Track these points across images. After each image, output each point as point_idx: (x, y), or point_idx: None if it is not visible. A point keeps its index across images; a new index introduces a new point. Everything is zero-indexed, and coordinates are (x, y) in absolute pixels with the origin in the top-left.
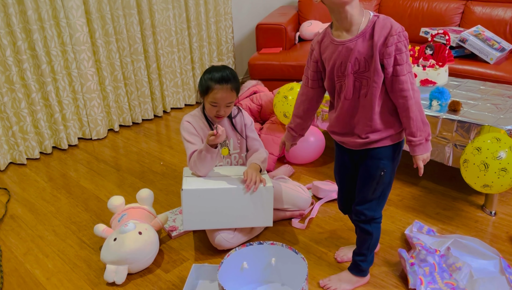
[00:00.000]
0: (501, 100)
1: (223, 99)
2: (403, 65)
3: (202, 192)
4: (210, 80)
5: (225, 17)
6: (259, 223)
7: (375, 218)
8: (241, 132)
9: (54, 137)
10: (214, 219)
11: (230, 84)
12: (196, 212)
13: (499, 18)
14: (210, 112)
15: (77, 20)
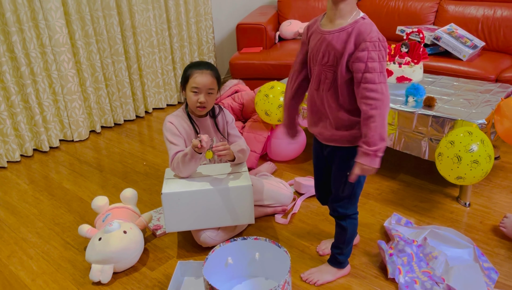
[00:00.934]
0: (473, 95)
1: (204, 84)
2: (374, 74)
3: (181, 195)
4: (190, 68)
5: (205, 17)
6: (240, 221)
7: (349, 215)
8: (223, 131)
9: (35, 140)
10: (196, 220)
11: (210, 71)
12: (177, 214)
13: (471, 16)
14: (192, 103)
15: (56, 21)
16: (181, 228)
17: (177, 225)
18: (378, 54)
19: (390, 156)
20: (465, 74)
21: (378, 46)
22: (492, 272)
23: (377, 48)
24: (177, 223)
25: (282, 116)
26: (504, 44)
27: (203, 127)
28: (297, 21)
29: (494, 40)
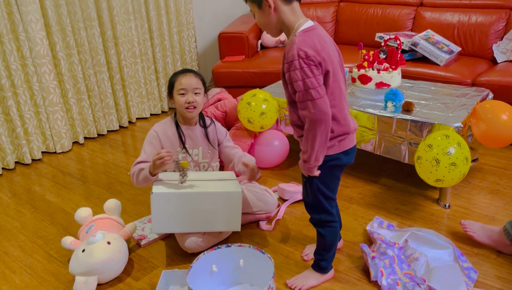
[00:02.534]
0: (450, 99)
1: (190, 83)
2: (299, 93)
3: (171, 196)
4: (174, 75)
5: (187, 26)
6: (227, 227)
7: (324, 221)
8: (213, 143)
9: (16, 152)
10: (182, 223)
11: (193, 73)
12: (165, 215)
13: (447, 22)
14: (180, 105)
15: (37, 33)
16: (167, 230)
17: (163, 227)
18: (298, 72)
19: (372, 160)
20: (442, 79)
21: (298, 65)
22: (471, 272)
23: (297, 66)
24: (163, 224)
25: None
26: (479, 49)
27: (190, 136)
28: None
29: (469, 45)
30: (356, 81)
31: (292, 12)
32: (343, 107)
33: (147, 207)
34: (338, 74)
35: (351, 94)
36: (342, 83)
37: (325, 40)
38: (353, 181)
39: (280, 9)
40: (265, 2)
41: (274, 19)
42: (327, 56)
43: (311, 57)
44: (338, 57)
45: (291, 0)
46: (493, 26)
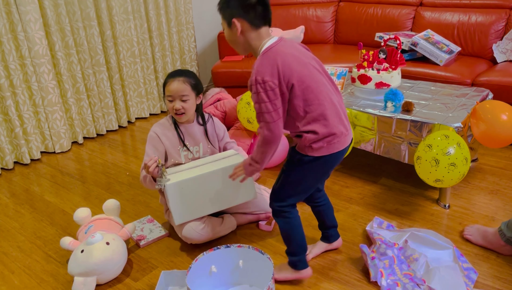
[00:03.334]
0: (450, 99)
1: (176, 90)
2: (257, 115)
3: (184, 183)
4: (167, 77)
5: (187, 26)
6: (244, 198)
7: (277, 210)
8: (212, 139)
9: (15, 152)
10: (201, 206)
11: (182, 77)
12: (183, 204)
13: (447, 22)
14: (170, 110)
15: (36, 33)
16: (189, 218)
17: (184, 216)
18: (255, 96)
19: (371, 160)
20: (442, 79)
21: (255, 89)
22: (471, 272)
23: (254, 91)
24: (184, 213)
25: None
26: (479, 49)
27: (189, 134)
28: (278, 29)
29: (469, 45)
30: (356, 81)
31: (259, 37)
32: (325, 108)
33: (146, 207)
34: (312, 79)
35: (351, 94)
36: (322, 85)
37: (285, 55)
38: (352, 181)
39: (247, 33)
40: (233, 25)
41: (241, 40)
42: (288, 71)
43: (267, 83)
44: (311, 61)
45: (258, 26)
46: (493, 26)
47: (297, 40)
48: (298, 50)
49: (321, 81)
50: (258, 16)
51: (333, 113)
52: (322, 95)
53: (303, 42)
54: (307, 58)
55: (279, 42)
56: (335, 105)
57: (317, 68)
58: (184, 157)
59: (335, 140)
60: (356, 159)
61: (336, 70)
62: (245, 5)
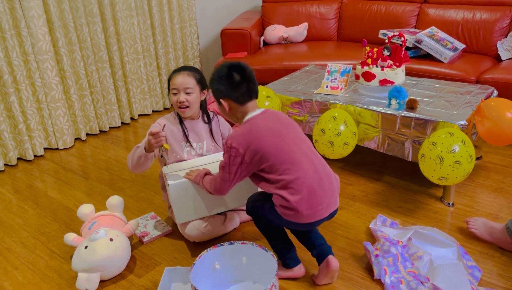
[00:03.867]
0: (455, 97)
1: (181, 83)
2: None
3: (187, 183)
4: (171, 73)
5: (190, 23)
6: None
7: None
8: (216, 137)
9: (19, 149)
10: (204, 207)
11: (187, 71)
12: (185, 204)
13: (451, 19)
14: (174, 105)
15: (39, 29)
16: (191, 217)
17: (187, 215)
18: (223, 155)
19: (375, 158)
20: (446, 76)
21: (225, 150)
22: (475, 270)
23: (224, 150)
24: (186, 213)
25: None
26: (483, 46)
27: (194, 130)
28: (281, 26)
29: (474, 42)
30: (360, 78)
31: (245, 111)
32: (297, 176)
33: (150, 204)
34: (288, 150)
35: (355, 91)
36: (301, 155)
37: (259, 127)
38: (356, 178)
39: (233, 110)
40: (221, 103)
41: (229, 114)
42: (257, 143)
43: (233, 148)
44: (290, 134)
45: (244, 103)
46: (498, 23)
47: (300, 37)
48: (278, 121)
49: (298, 150)
50: (243, 94)
51: (311, 180)
52: (296, 164)
53: (306, 39)
54: (287, 130)
55: (260, 115)
56: (316, 173)
57: (295, 139)
58: (186, 152)
59: (303, 214)
60: (360, 156)
61: (340, 67)
62: (230, 86)
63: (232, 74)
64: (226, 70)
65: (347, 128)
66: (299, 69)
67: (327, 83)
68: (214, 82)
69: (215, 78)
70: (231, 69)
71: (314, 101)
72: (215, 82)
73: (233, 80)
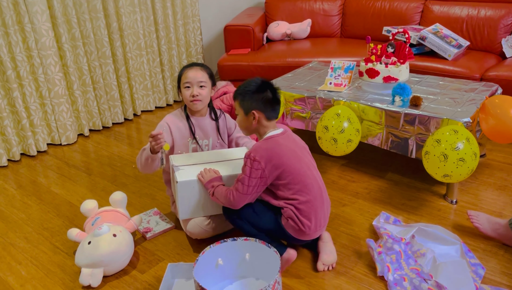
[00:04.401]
0: (459, 94)
1: (195, 77)
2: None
3: (196, 183)
4: (182, 69)
5: (193, 19)
6: None
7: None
8: (223, 134)
9: (22, 144)
10: (207, 206)
11: (199, 66)
12: (190, 201)
13: (456, 16)
14: (186, 99)
15: (42, 24)
16: (193, 215)
17: (190, 213)
18: (243, 167)
19: (378, 155)
20: (450, 73)
21: (246, 162)
22: (479, 268)
23: (245, 163)
24: (189, 210)
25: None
26: (488, 44)
27: (201, 127)
28: (284, 22)
29: (478, 39)
30: (364, 75)
31: (268, 127)
32: (307, 199)
33: (152, 200)
34: (303, 172)
35: (358, 88)
36: (312, 179)
37: (281, 146)
38: (359, 175)
39: (260, 123)
40: (251, 115)
41: (253, 127)
42: (278, 160)
43: (256, 161)
44: (305, 158)
45: (271, 119)
46: (502, 20)
47: (303, 34)
48: (296, 144)
49: (311, 175)
50: (273, 110)
51: (317, 205)
52: (308, 188)
53: (310, 35)
54: (302, 154)
55: (282, 134)
56: (321, 199)
57: (309, 164)
58: (192, 149)
59: (305, 233)
60: (363, 153)
61: (344, 64)
62: (264, 101)
63: (266, 89)
64: (261, 84)
65: (350, 125)
66: (303, 66)
67: (330, 80)
68: (250, 94)
69: (250, 90)
70: (266, 85)
71: (317, 98)
72: (251, 94)
73: (267, 96)
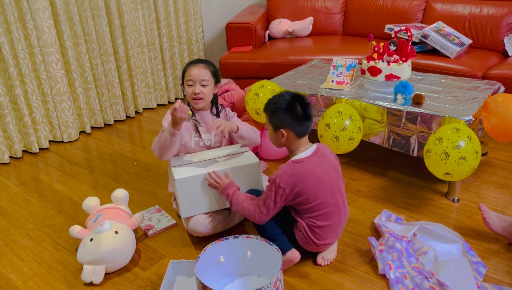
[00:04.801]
0: (461, 92)
1: (197, 75)
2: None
3: (194, 179)
4: (186, 65)
5: (195, 16)
6: None
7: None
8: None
9: (24, 141)
10: (209, 202)
11: (203, 64)
12: (191, 198)
13: (458, 14)
14: (188, 96)
15: (44, 22)
16: (195, 212)
17: (191, 210)
18: (268, 189)
19: (380, 153)
20: (452, 71)
21: (270, 185)
22: (480, 266)
23: (269, 186)
24: (191, 207)
25: None
26: (490, 42)
27: (203, 121)
28: (286, 20)
29: (481, 37)
30: (366, 73)
31: (298, 144)
32: (325, 225)
33: (154, 197)
34: (326, 199)
35: (360, 86)
36: (334, 206)
37: (308, 174)
38: (360, 173)
39: (290, 141)
40: (279, 132)
41: (282, 143)
42: (302, 188)
43: (280, 188)
44: (332, 183)
45: (301, 136)
46: (505, 18)
47: (305, 32)
48: (325, 168)
49: (334, 204)
50: (303, 128)
51: (332, 229)
52: (328, 217)
53: (312, 33)
54: (330, 179)
55: (312, 156)
56: (338, 223)
57: (334, 191)
58: (194, 142)
59: (315, 245)
60: (364, 151)
61: (346, 62)
62: (294, 118)
63: (296, 105)
64: (291, 100)
65: (352, 123)
66: (305, 63)
67: (332, 78)
68: (279, 111)
69: (280, 107)
70: (296, 101)
71: (319, 96)
72: (280, 111)
73: (297, 113)
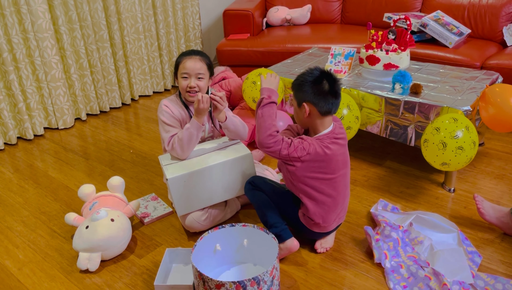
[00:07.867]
0: (459, 82)
1: (193, 68)
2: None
3: (187, 176)
4: (180, 56)
5: (192, 3)
6: None
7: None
8: (215, 120)
9: (18, 128)
10: (204, 198)
11: (198, 56)
12: (186, 196)
13: (457, 3)
14: (182, 89)
15: (39, 6)
16: (192, 209)
17: (188, 207)
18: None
19: (377, 142)
20: (451, 61)
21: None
22: (475, 256)
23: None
24: (187, 205)
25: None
26: (489, 32)
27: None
28: (284, 8)
29: (480, 27)
30: (364, 62)
31: (322, 124)
32: (333, 199)
33: (150, 185)
34: (337, 176)
35: (358, 75)
36: (343, 180)
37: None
38: (357, 163)
39: (313, 117)
40: (302, 107)
41: (305, 120)
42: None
43: (311, 146)
44: (343, 158)
45: (325, 115)
46: (504, 8)
47: (303, 19)
48: (342, 147)
49: (343, 173)
50: (328, 105)
51: (334, 211)
52: (335, 185)
53: (310, 21)
54: (341, 153)
55: (332, 132)
56: (344, 199)
57: (345, 161)
58: None
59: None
60: (361, 141)
61: (344, 51)
62: (318, 93)
63: (322, 80)
64: (319, 74)
65: (350, 112)
66: (302, 52)
67: (330, 67)
68: (305, 84)
69: (305, 80)
70: (323, 76)
71: None
72: (305, 85)
73: (322, 87)
